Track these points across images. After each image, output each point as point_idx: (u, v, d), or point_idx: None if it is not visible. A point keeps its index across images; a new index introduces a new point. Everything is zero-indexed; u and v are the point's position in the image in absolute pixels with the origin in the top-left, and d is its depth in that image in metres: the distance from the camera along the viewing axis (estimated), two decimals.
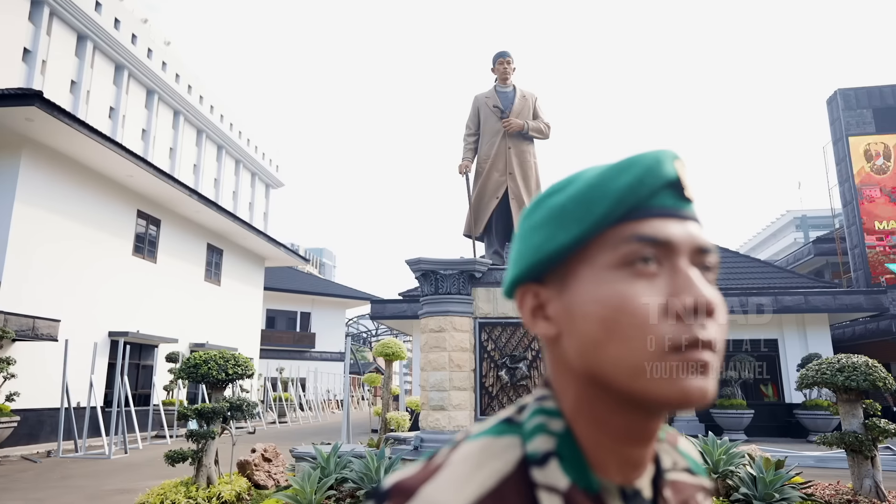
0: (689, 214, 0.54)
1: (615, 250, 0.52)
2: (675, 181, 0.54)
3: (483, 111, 7.97)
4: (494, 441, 0.54)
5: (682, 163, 0.55)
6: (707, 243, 0.54)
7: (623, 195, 0.52)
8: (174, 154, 50.78)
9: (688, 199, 0.55)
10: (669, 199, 0.53)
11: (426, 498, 0.48)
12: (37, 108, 12.46)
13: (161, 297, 18.34)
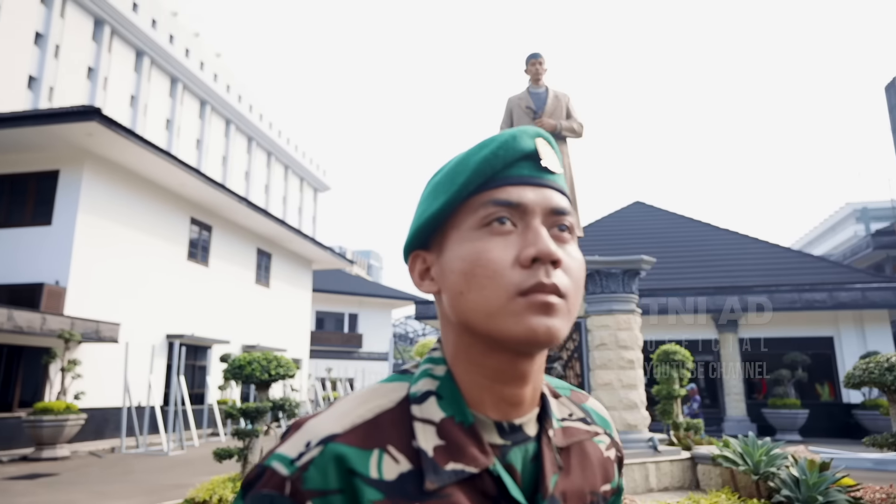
0: (546, 182, 0.63)
1: (475, 214, 0.61)
2: (531, 154, 0.63)
3: (516, 113, 8.03)
4: (383, 385, 0.63)
5: (542, 139, 0.64)
6: (560, 206, 0.62)
7: (480, 166, 0.61)
8: (226, 162, 52.41)
9: (545, 169, 0.63)
10: (526, 169, 0.62)
11: (310, 428, 0.57)
12: (96, 124, 13.18)
13: (214, 301, 19.06)
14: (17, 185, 14.78)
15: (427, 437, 0.59)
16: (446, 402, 0.61)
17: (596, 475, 0.69)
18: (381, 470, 0.56)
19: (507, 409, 0.63)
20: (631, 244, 18.44)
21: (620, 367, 6.63)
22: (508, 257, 0.59)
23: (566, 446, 0.67)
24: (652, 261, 6.79)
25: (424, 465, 0.57)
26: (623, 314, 6.70)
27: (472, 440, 0.59)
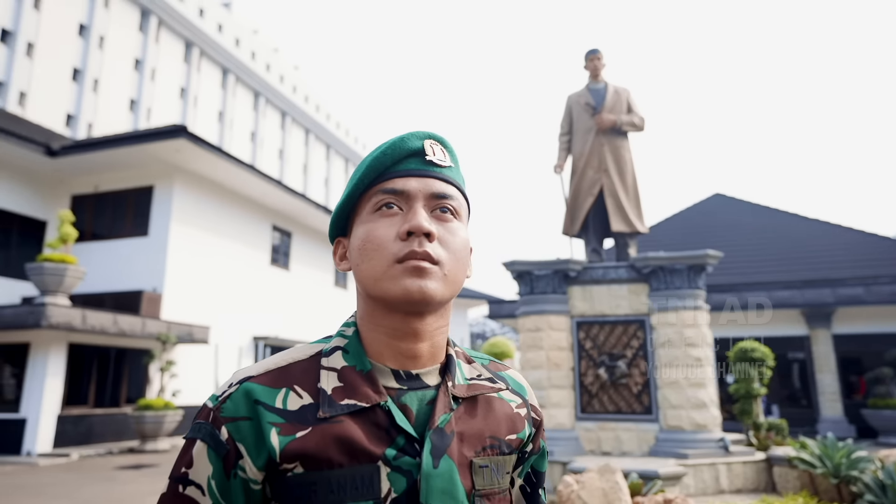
0: (430, 173, 0.78)
1: (370, 202, 0.77)
2: (418, 151, 0.78)
3: (575, 110, 7.99)
4: (306, 345, 0.80)
5: (430, 140, 0.80)
6: (441, 191, 0.77)
7: (371, 164, 0.78)
8: (307, 170, 54.47)
9: (431, 163, 0.78)
10: (413, 164, 0.78)
11: (236, 373, 0.75)
12: (183, 141, 14.16)
13: (296, 303, 19.95)
14: (119, 200, 16.10)
15: (329, 381, 0.74)
16: (350, 356, 0.76)
17: (500, 424, 0.80)
18: (286, 403, 0.72)
19: (404, 360, 0.77)
20: (710, 238, 17.73)
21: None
22: (391, 233, 0.74)
23: (470, 397, 0.79)
24: (718, 255, 6.58)
25: (321, 399, 0.72)
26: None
27: (367, 383, 0.74)
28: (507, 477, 0.80)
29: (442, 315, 0.79)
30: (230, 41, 44.82)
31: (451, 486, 0.71)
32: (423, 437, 0.72)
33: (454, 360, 0.81)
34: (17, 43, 30.91)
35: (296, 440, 0.69)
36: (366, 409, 0.72)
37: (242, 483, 0.70)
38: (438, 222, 0.77)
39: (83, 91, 34.25)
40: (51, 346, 12.29)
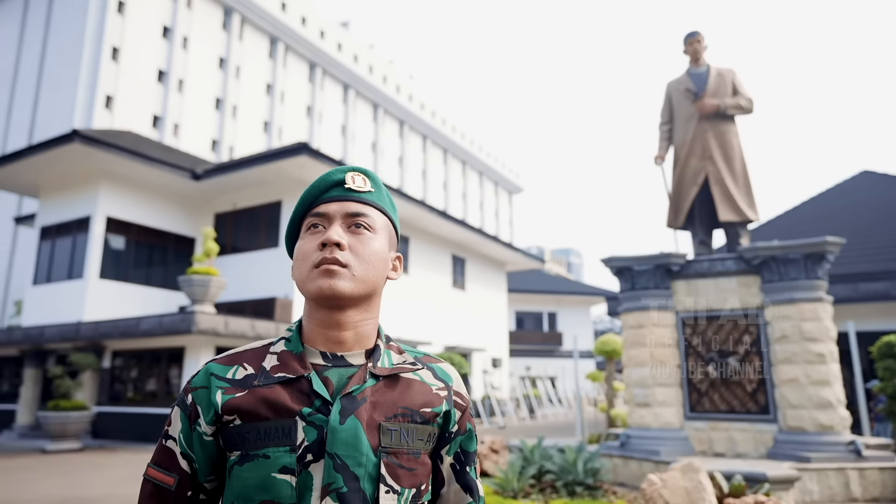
0: (348, 197, 0.99)
1: (305, 224, 0.99)
2: (340, 182, 0.99)
3: (675, 97, 7.67)
4: (268, 340, 1.02)
5: (352, 173, 1.02)
6: (355, 210, 0.97)
7: (304, 196, 1.00)
8: (425, 175, 56.00)
9: (350, 189, 0.99)
10: (335, 192, 0.99)
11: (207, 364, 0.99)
12: (305, 157, 15.27)
13: (415, 305, 20.68)
14: (253, 215, 17.66)
15: (269, 361, 0.96)
16: (289, 343, 0.98)
17: (414, 398, 0.97)
18: (234, 374, 0.95)
19: (331, 345, 0.97)
20: (856, 220, 16.06)
21: (807, 361, 5.99)
22: (313, 246, 0.95)
23: (392, 376, 0.97)
24: (839, 242, 6.03)
25: (260, 372, 0.95)
26: (808, 303, 6.04)
27: (297, 361, 0.95)
28: (420, 443, 0.95)
29: (366, 310, 0.98)
30: (349, 58, 47.27)
31: (355, 440, 0.88)
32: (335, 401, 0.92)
33: (380, 347, 0.99)
34: (170, 80, 34.77)
35: (234, 398, 0.92)
36: (293, 379, 0.93)
37: (199, 436, 0.93)
38: (353, 235, 0.96)
39: (224, 118, 37.78)
40: (201, 349, 13.77)
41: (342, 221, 0.96)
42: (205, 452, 0.93)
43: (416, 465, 0.94)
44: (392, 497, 0.90)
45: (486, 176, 65.58)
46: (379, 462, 0.90)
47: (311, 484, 0.87)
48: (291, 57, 43.59)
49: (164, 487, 0.93)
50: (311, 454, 0.88)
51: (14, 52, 36.13)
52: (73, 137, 14.14)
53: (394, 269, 1.05)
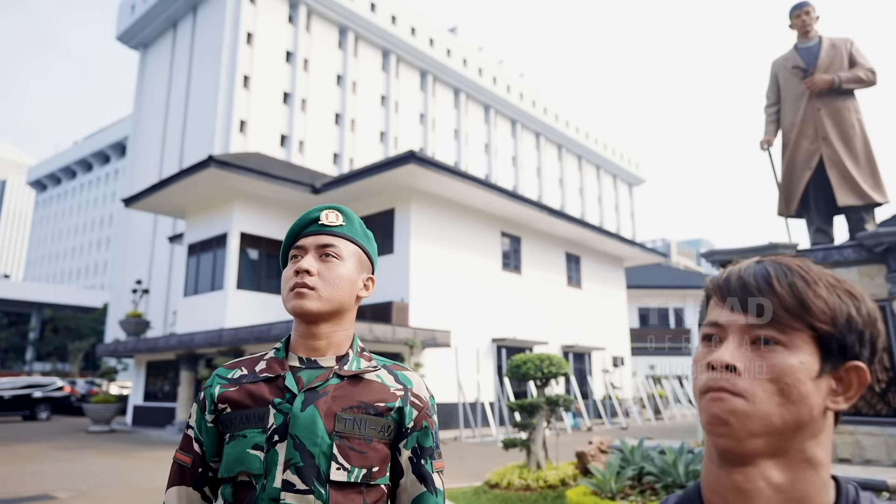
0: (321, 231, 1.21)
1: (290, 255, 1.23)
2: (315, 219, 1.22)
3: (782, 75, 7.12)
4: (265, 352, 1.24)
5: (326, 210, 1.24)
6: (325, 242, 1.19)
7: (290, 232, 1.24)
8: (540, 173, 55.48)
9: (323, 225, 1.21)
10: (312, 227, 1.22)
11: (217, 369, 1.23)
12: (414, 165, 15.83)
13: (530, 305, 20.65)
14: (369, 224, 18.57)
15: (260, 365, 1.21)
16: (278, 351, 1.23)
17: (371, 395, 1.17)
18: (232, 375, 1.20)
19: (308, 351, 1.20)
20: None
21: None
22: (291, 273, 1.19)
23: (354, 376, 1.18)
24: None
25: (251, 374, 1.19)
26: None
27: (279, 364, 1.19)
28: (372, 431, 1.14)
29: (337, 323, 1.21)
30: (458, 62, 48.04)
31: (312, 424, 1.10)
32: None
33: (350, 354, 1.21)
34: (294, 101, 37.40)
35: (227, 392, 1.17)
36: (273, 377, 1.17)
37: (205, 423, 1.19)
38: (322, 263, 1.19)
39: (343, 132, 39.95)
40: None
41: (315, 252, 1.20)
42: (209, 437, 1.18)
43: (367, 450, 1.12)
44: (342, 473, 1.09)
45: (604, 169, 63.72)
46: (332, 444, 1.09)
47: (277, 460, 1.08)
48: (403, 67, 45.12)
49: (184, 466, 1.18)
50: (277, 435, 1.10)
51: (165, 89, 40.62)
52: (209, 163, 15.73)
53: (364, 287, 1.26)
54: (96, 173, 70.37)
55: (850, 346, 0.66)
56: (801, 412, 0.64)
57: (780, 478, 0.65)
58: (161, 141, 39.55)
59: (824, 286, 0.68)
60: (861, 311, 0.68)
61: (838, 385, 0.67)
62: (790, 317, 0.65)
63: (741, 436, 0.64)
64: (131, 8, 42.51)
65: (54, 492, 7.98)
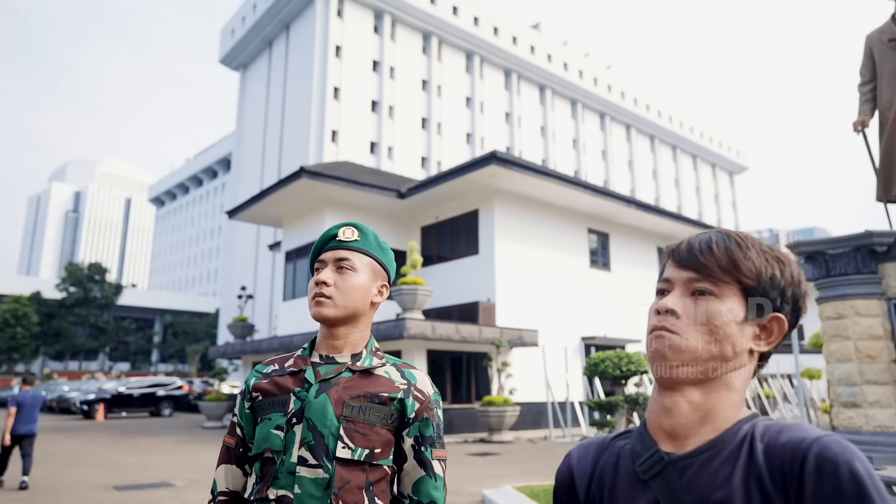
0: (338, 246, 1.38)
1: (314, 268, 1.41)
2: (334, 235, 1.39)
3: (877, 49, 6.61)
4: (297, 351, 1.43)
5: (344, 227, 1.41)
6: (340, 256, 1.36)
7: (315, 247, 1.41)
8: (632, 166, 53.77)
9: (340, 241, 1.38)
10: (331, 243, 1.39)
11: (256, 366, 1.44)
12: (495, 166, 15.94)
13: (620, 302, 20.14)
14: (454, 226, 18.88)
15: (289, 362, 1.40)
16: (304, 350, 1.41)
17: (378, 387, 1.33)
18: (266, 370, 1.40)
19: (327, 349, 1.38)
20: None
21: None
22: (312, 284, 1.37)
23: (364, 370, 1.35)
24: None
25: (281, 368, 1.38)
26: None
27: (303, 360, 1.38)
28: (376, 417, 1.30)
29: (353, 326, 1.38)
30: (543, 59, 47.54)
31: (323, 409, 1.29)
32: None
33: (364, 353, 1.39)
34: (382, 109, 38.57)
35: (260, 383, 1.38)
36: (296, 371, 1.36)
37: (244, 410, 1.40)
38: (339, 274, 1.37)
39: (430, 135, 40.68)
40: (414, 353, 15.15)
41: (332, 265, 1.38)
42: (247, 422, 1.39)
43: (370, 433, 1.29)
44: (347, 451, 1.27)
45: (701, 158, 60.75)
46: (340, 426, 1.28)
47: (294, 439, 1.28)
48: (487, 67, 45.26)
49: (230, 447, 1.40)
50: (295, 418, 1.30)
51: (263, 105, 43.14)
52: (300, 174, 16.62)
53: (378, 293, 1.43)
54: (206, 188, 75.81)
55: (773, 300, 0.82)
56: (724, 348, 0.80)
57: (698, 398, 0.81)
58: (261, 154, 42.02)
59: (755, 251, 0.83)
60: (784, 273, 0.83)
61: (762, 331, 0.82)
62: (723, 273, 0.81)
63: (674, 365, 0.80)
64: (231, 32, 45.48)
65: (172, 480, 8.80)
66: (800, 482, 0.70)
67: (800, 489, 0.70)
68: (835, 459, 0.69)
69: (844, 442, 0.72)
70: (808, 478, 0.70)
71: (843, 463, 0.69)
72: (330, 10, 37.23)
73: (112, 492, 7.82)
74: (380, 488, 1.30)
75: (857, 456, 0.70)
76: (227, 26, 46.25)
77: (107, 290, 53.30)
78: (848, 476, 0.68)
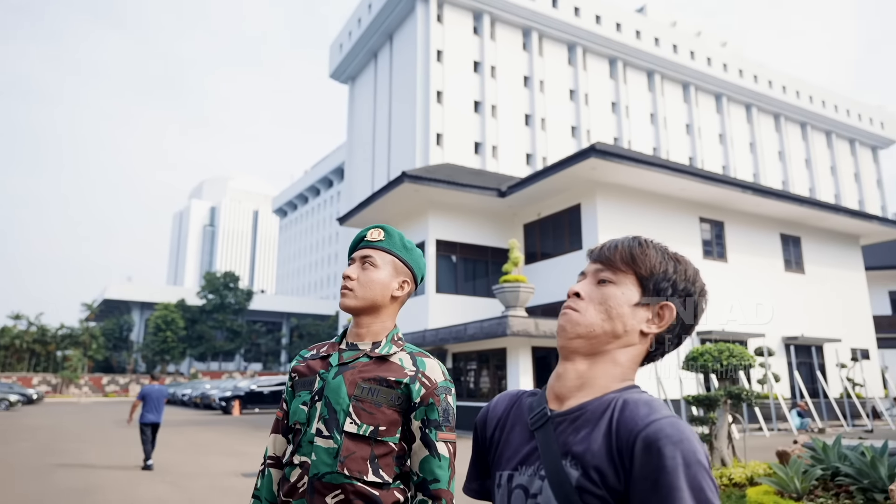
0: (365, 245, 1.57)
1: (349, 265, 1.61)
2: (364, 236, 1.60)
3: None
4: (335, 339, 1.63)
5: (373, 229, 1.60)
6: (365, 254, 1.55)
7: (350, 247, 1.63)
8: (754, 149, 50.29)
9: (367, 241, 1.58)
10: (362, 243, 1.60)
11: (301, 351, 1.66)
12: (594, 159, 15.61)
13: (738, 295, 18.91)
14: (556, 222, 18.69)
15: (325, 347, 1.60)
16: (337, 338, 1.60)
17: (389, 371, 1.48)
18: (306, 354, 1.62)
19: (353, 337, 1.55)
20: None
21: None
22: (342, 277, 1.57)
23: (380, 357, 1.50)
24: None
25: (317, 353, 1.59)
26: None
27: (332, 346, 1.57)
28: (383, 399, 1.45)
29: (375, 316, 1.54)
30: (650, 43, 45.63)
31: (338, 389, 1.47)
32: None
33: (384, 341, 1.54)
34: (484, 108, 38.84)
35: (298, 365, 1.59)
36: (326, 356, 1.55)
37: (288, 388, 1.61)
38: (363, 270, 1.55)
39: (534, 131, 40.39)
40: (519, 350, 15.19)
41: (359, 262, 1.57)
42: (290, 398, 1.60)
43: (375, 412, 1.46)
44: (353, 427, 1.45)
45: (837, 134, 55.42)
46: (350, 404, 1.45)
47: (315, 414, 1.48)
48: (590, 58, 44.19)
49: (279, 420, 1.63)
50: (317, 396, 1.50)
51: (370, 115, 44.94)
52: (403, 179, 17.21)
53: (400, 287, 1.59)
54: (323, 197, 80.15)
55: (664, 290, 0.95)
56: (616, 326, 0.94)
57: (583, 368, 0.95)
58: (371, 162, 43.79)
59: (654, 251, 0.99)
60: (678, 270, 0.97)
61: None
62: (623, 265, 0.97)
63: (570, 337, 0.95)
64: (339, 47, 47.80)
65: None
66: (630, 460, 0.79)
67: (630, 465, 0.79)
68: (660, 443, 0.77)
69: (680, 426, 0.79)
70: (637, 457, 0.79)
71: (667, 447, 0.76)
72: (430, 16, 38.07)
73: (240, 478, 8.61)
74: (385, 462, 1.45)
75: (685, 440, 0.77)
76: (335, 42, 48.65)
77: (239, 296, 57.91)
78: (669, 461, 0.75)
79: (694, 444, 0.77)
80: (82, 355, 51.19)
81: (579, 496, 0.82)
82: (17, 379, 45.53)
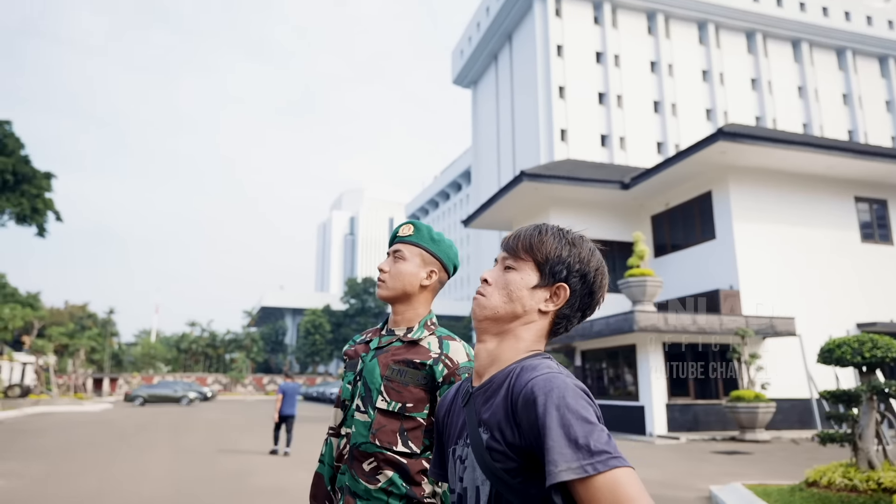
0: (398, 241, 1.75)
1: None
2: (398, 232, 1.78)
3: None
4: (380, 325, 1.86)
5: (405, 226, 1.80)
6: (396, 248, 1.72)
7: (390, 238, 1.81)
8: None
9: (399, 236, 1.76)
10: (396, 238, 1.77)
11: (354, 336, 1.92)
12: (723, 142, 14.67)
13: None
14: (686, 211, 17.75)
15: (371, 333, 1.80)
16: (382, 324, 1.79)
17: (416, 354, 1.63)
18: (358, 339, 1.83)
19: (391, 324, 1.73)
20: None
21: None
22: None
23: (411, 341, 1.66)
24: None
25: (364, 337, 1.81)
26: None
27: (375, 332, 1.77)
28: (409, 379, 1.61)
29: (407, 304, 1.70)
30: (794, 9, 41.72)
31: (373, 370, 1.66)
32: None
33: (416, 327, 1.70)
34: (609, 99, 37.69)
35: (348, 349, 1.79)
36: (369, 340, 1.75)
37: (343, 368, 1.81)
38: (394, 262, 1.72)
39: (665, 118, 38.46)
40: (648, 346, 14.64)
41: (392, 256, 1.74)
42: (343, 378, 1.84)
43: (402, 391, 1.65)
44: (384, 403, 1.64)
45: None
46: (381, 384, 1.66)
47: (356, 392, 1.71)
48: (724, 34, 41.28)
49: (337, 396, 1.86)
50: (358, 376, 1.72)
51: (494, 117, 45.33)
52: (521, 178, 17.28)
53: (427, 277, 1.75)
54: (452, 201, 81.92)
55: (558, 273, 1.06)
56: (516, 308, 1.06)
57: (493, 346, 1.08)
58: (496, 163, 44.14)
59: (551, 237, 1.09)
60: (573, 253, 1.07)
61: (551, 296, 1.07)
62: (524, 252, 1.08)
63: (479, 319, 1.08)
64: (460, 53, 48.73)
65: None
66: (518, 415, 0.93)
67: (519, 421, 0.92)
68: (533, 394, 0.89)
69: (552, 378, 0.90)
70: (519, 411, 0.92)
71: (539, 397, 0.88)
72: (548, 12, 37.69)
73: None
74: (414, 435, 1.63)
75: (554, 388, 0.88)
76: (456, 48, 49.67)
77: (378, 300, 60.89)
78: (540, 408, 0.87)
79: (562, 390, 0.87)
80: (245, 357, 56.74)
81: (490, 455, 0.95)
82: (195, 379, 51.49)
